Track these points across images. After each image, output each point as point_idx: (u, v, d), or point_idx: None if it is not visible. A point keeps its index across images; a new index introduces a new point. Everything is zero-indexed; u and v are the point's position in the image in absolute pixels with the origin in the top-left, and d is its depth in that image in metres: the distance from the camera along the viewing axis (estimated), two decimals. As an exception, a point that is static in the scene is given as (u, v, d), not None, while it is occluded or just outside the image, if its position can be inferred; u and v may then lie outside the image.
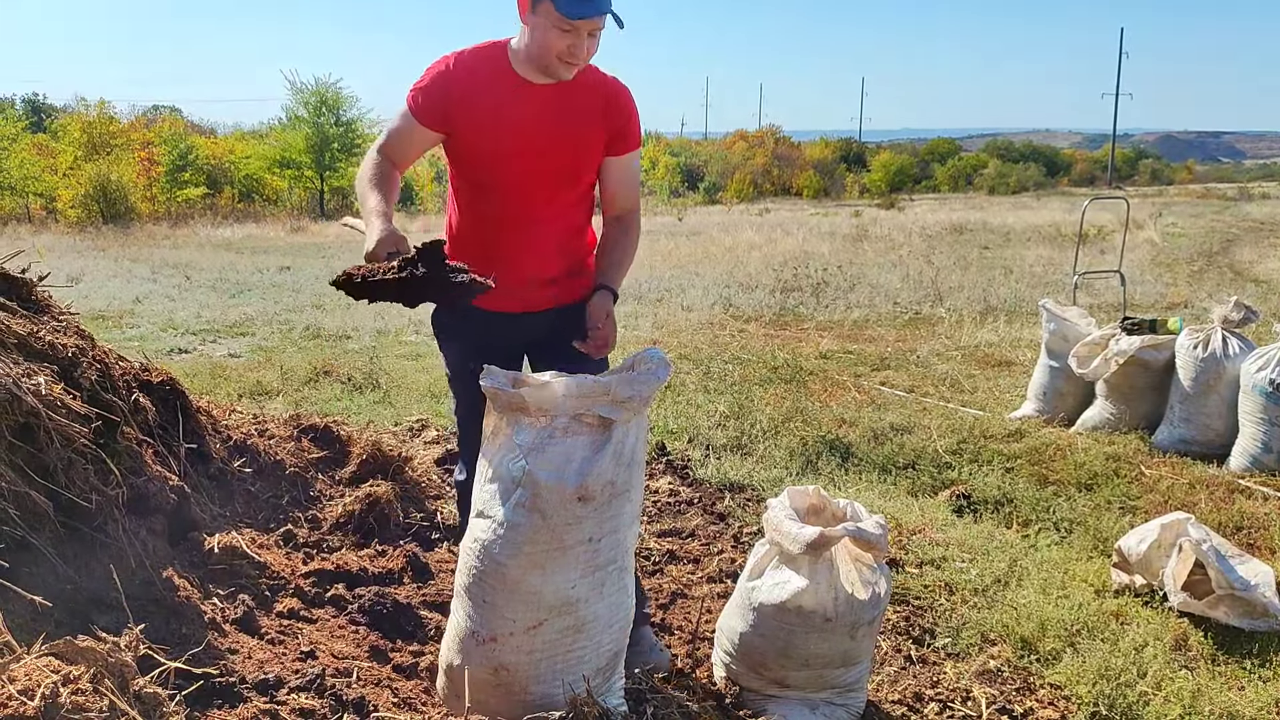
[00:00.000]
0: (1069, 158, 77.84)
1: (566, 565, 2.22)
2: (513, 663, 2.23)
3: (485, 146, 2.61)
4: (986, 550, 3.85)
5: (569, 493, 2.18)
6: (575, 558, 2.23)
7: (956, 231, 20.83)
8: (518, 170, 2.61)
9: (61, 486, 2.33)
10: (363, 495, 3.71)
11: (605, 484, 2.21)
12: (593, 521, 2.21)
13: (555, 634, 2.24)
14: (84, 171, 28.53)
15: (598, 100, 2.63)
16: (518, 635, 2.22)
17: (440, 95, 2.57)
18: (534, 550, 2.20)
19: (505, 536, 2.21)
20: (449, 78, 2.57)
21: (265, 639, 2.59)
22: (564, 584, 2.22)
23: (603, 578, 2.28)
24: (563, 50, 2.44)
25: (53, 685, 1.61)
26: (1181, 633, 3.19)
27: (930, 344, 8.37)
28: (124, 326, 9.70)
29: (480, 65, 2.58)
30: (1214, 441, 5.06)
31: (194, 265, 15.73)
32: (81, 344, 2.87)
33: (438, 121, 2.59)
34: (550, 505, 2.18)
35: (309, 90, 34.08)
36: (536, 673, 2.24)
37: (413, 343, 8.72)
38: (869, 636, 2.63)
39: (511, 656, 2.23)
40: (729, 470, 4.87)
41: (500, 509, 2.23)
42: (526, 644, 2.23)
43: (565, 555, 2.22)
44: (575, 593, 2.23)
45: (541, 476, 2.18)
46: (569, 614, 2.23)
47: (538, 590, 2.21)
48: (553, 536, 2.20)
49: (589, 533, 2.22)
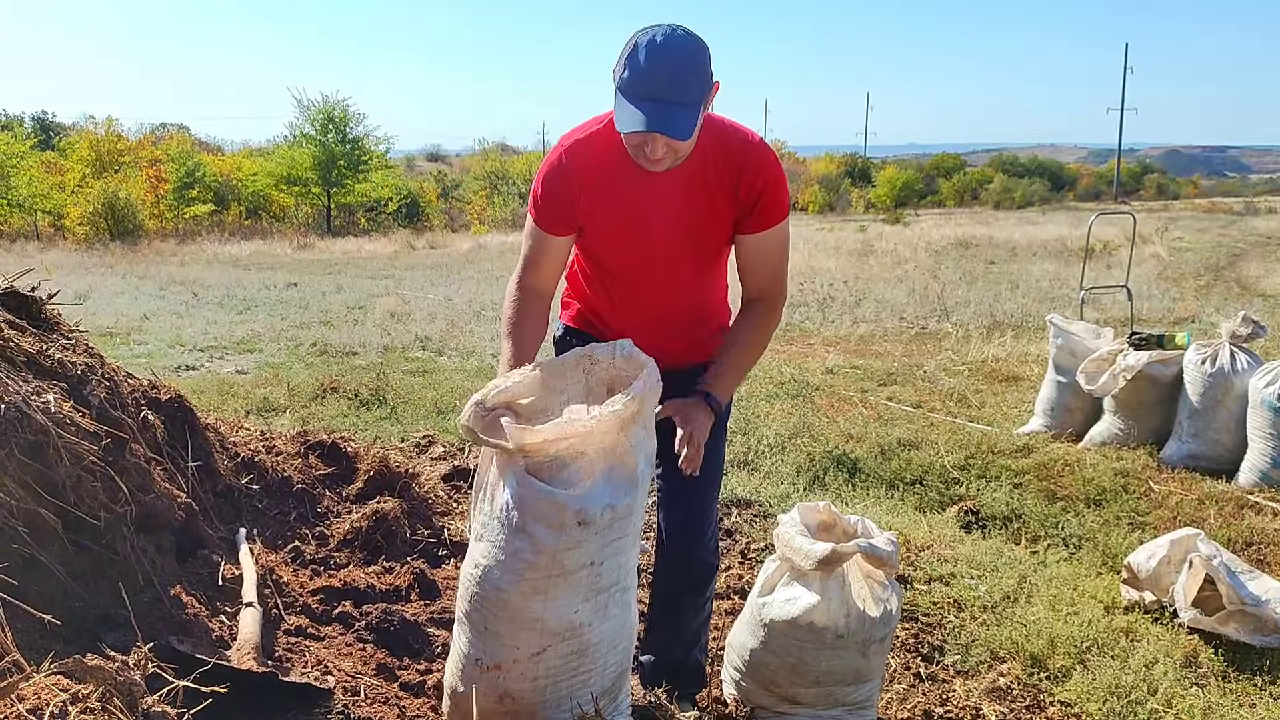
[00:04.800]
0: (1074, 172, 77.92)
1: (569, 591, 2.17)
2: (518, 690, 2.19)
3: (608, 239, 2.48)
4: (995, 566, 3.83)
5: (568, 518, 2.11)
6: (577, 582, 2.17)
7: (962, 246, 20.83)
8: (641, 258, 2.47)
9: (70, 504, 2.33)
10: (370, 512, 3.70)
11: (604, 507, 2.15)
12: (594, 545, 2.15)
13: (559, 660, 2.19)
14: (92, 189, 28.67)
15: (730, 178, 2.36)
16: (521, 663, 2.17)
17: (564, 198, 2.39)
18: (535, 576, 2.15)
19: (505, 563, 2.16)
20: (567, 176, 2.38)
21: (273, 657, 2.58)
22: (566, 610, 2.17)
23: (605, 600, 2.23)
24: (635, 152, 2.24)
25: (61, 704, 1.61)
26: (1192, 649, 3.17)
27: (937, 359, 8.36)
28: (132, 343, 9.72)
29: (594, 153, 2.38)
30: (1223, 457, 5.04)
31: (201, 282, 15.78)
32: (90, 361, 2.87)
33: (566, 225, 2.43)
34: (549, 531, 2.12)
35: (316, 108, 34.28)
36: (543, 699, 2.20)
37: (419, 359, 8.73)
38: (880, 654, 2.61)
39: (516, 684, 2.19)
40: (736, 486, 4.86)
41: (500, 534, 2.18)
42: (530, 671, 2.18)
43: (567, 580, 2.16)
44: (578, 618, 2.18)
45: (539, 503, 2.12)
46: (573, 639, 2.19)
47: (540, 617, 2.16)
48: (553, 563, 2.14)
49: (590, 557, 2.16)
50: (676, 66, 2.13)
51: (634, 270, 2.51)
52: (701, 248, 2.46)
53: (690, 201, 2.37)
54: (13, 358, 2.53)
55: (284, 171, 34.35)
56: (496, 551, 2.17)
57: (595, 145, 2.37)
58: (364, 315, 11.70)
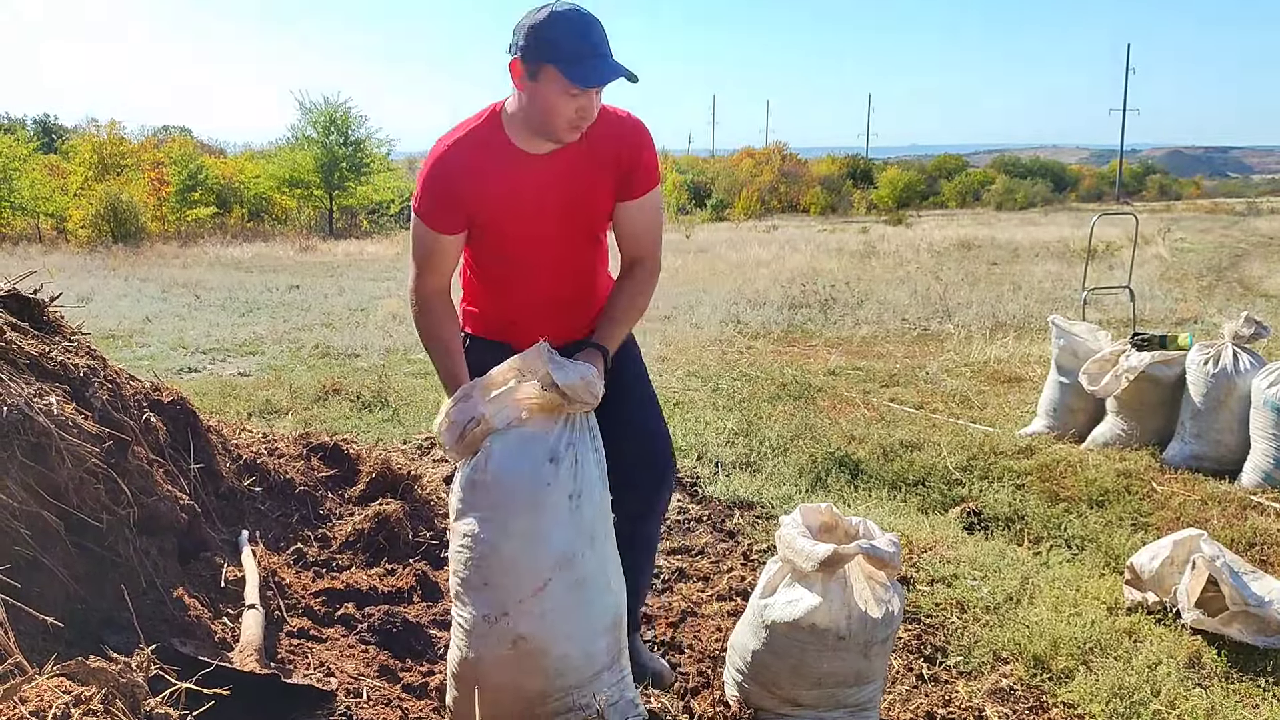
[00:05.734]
0: (1076, 173, 77.92)
1: (555, 524, 2.31)
2: (529, 630, 2.29)
3: (502, 229, 2.55)
4: (998, 568, 3.83)
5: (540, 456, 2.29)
6: (560, 515, 2.31)
7: (964, 247, 20.83)
8: (534, 240, 2.57)
9: (73, 506, 2.33)
10: (372, 514, 3.70)
11: (566, 444, 2.32)
12: (567, 478, 2.31)
13: (562, 592, 2.31)
14: (94, 191, 28.69)
15: (609, 149, 2.52)
16: (526, 601, 2.29)
17: (450, 195, 2.48)
18: (519, 522, 2.30)
19: (492, 521, 2.31)
20: (450, 177, 2.47)
21: (276, 659, 2.58)
22: (558, 541, 2.31)
23: (590, 531, 2.36)
24: (571, 116, 2.35)
25: (64, 706, 1.61)
26: (1195, 650, 3.17)
27: (939, 360, 8.35)
28: (134, 346, 9.74)
29: (476, 149, 2.48)
30: (1226, 457, 5.04)
31: (204, 284, 15.79)
32: (93, 364, 2.88)
33: (455, 223, 2.51)
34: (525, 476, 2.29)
35: (318, 110, 34.29)
36: (553, 634, 2.31)
37: (421, 360, 8.73)
38: (882, 655, 2.61)
39: (526, 624, 2.29)
40: (738, 487, 4.86)
41: (482, 496, 2.32)
42: (537, 608, 2.29)
43: (551, 513, 2.31)
44: (570, 547, 2.32)
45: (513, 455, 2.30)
46: (568, 570, 2.31)
47: (533, 554, 2.30)
48: (533, 503, 2.29)
49: (567, 489, 2.31)
50: (597, 25, 2.32)
51: (530, 253, 2.60)
52: (591, 221, 2.61)
53: (576, 178, 2.51)
54: (15, 360, 2.53)
55: (286, 174, 34.36)
56: (482, 515, 2.32)
57: (475, 140, 2.48)
58: (366, 317, 11.71)
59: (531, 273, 2.63)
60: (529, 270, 2.63)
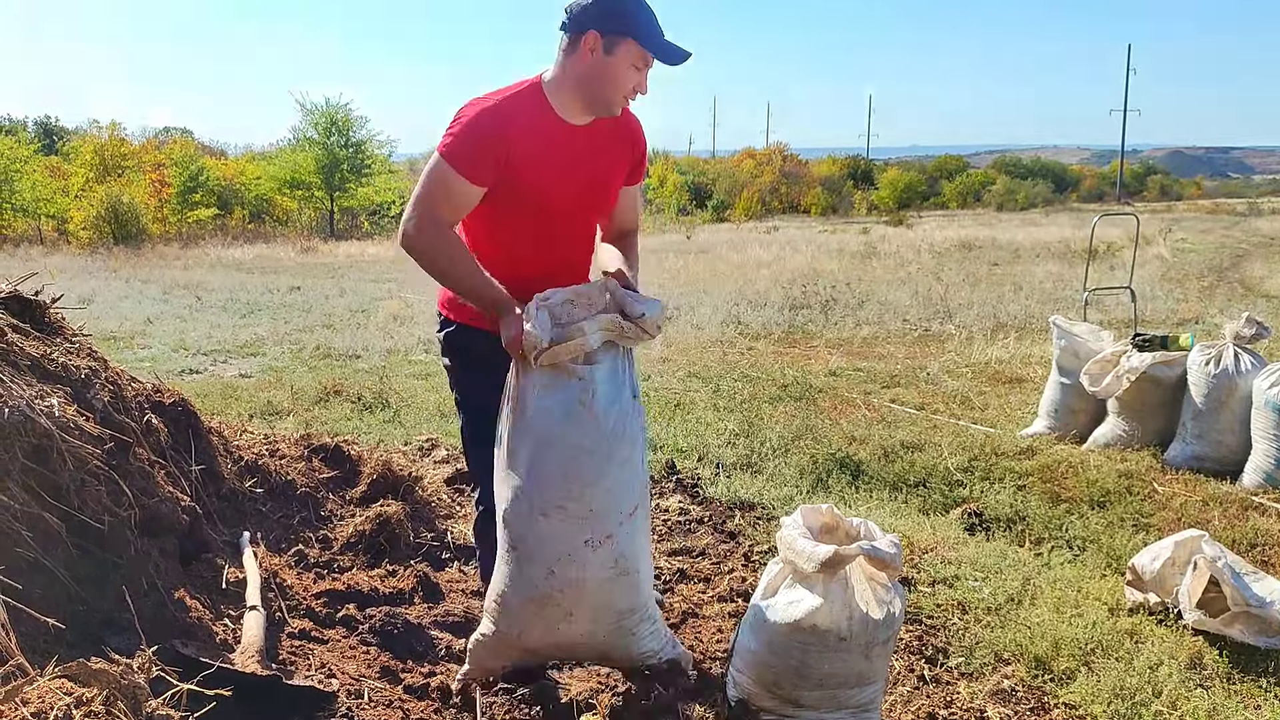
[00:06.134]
0: (1077, 174, 77.87)
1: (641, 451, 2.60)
2: (626, 550, 2.56)
3: (530, 189, 2.60)
4: (999, 569, 3.83)
5: (628, 389, 2.55)
6: (641, 443, 2.59)
7: (965, 248, 20.82)
8: (560, 209, 2.68)
9: (74, 508, 2.34)
10: (373, 515, 3.71)
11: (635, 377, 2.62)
12: (641, 409, 2.62)
13: (642, 519, 2.63)
14: (95, 193, 28.72)
15: (626, 134, 2.76)
16: (625, 524, 2.55)
17: (489, 149, 2.51)
18: (623, 450, 2.52)
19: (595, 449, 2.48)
20: (494, 129, 2.51)
21: (277, 660, 2.58)
22: (643, 469, 2.62)
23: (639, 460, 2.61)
24: (628, 90, 2.56)
25: (66, 708, 1.61)
26: (1197, 651, 3.17)
27: (940, 361, 8.35)
28: (136, 347, 9.74)
29: (519, 112, 2.55)
30: (1227, 458, 5.03)
31: (205, 286, 15.81)
32: (94, 365, 2.88)
33: (489, 178, 2.55)
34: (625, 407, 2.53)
35: (319, 111, 34.31)
36: (636, 552, 2.61)
37: (422, 361, 8.74)
38: (883, 656, 2.61)
39: (625, 544, 2.56)
40: (739, 488, 4.86)
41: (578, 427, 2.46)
42: (630, 529, 2.57)
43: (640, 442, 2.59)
44: (643, 473, 2.62)
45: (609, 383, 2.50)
46: (645, 494, 2.64)
47: (630, 480, 2.55)
48: (631, 433, 2.54)
49: (642, 419, 2.61)
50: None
51: (547, 220, 2.69)
52: (608, 195, 2.82)
53: (605, 153, 2.73)
54: (17, 361, 2.53)
55: (287, 175, 34.39)
56: (590, 444, 2.48)
57: (520, 101, 2.58)
58: (367, 318, 11.72)
59: (547, 237, 2.71)
60: (544, 235, 2.71)
